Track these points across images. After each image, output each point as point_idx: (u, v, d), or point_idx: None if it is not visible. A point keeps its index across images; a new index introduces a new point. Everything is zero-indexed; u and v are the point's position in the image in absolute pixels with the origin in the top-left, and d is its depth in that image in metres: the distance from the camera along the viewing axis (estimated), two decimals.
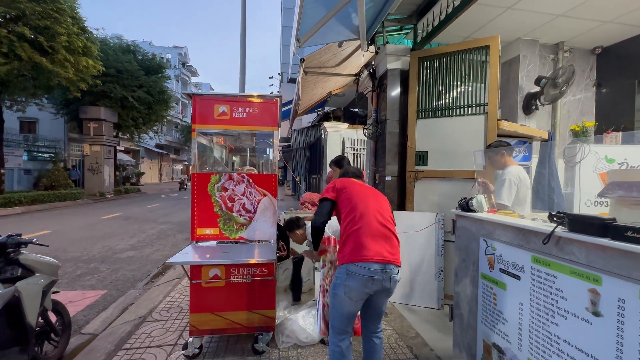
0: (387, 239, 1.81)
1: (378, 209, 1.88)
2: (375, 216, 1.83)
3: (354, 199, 1.90)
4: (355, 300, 1.74)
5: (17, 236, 2.07)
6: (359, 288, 1.71)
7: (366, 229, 1.78)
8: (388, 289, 1.76)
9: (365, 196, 1.93)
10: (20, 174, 15.59)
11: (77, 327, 2.90)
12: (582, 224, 1.25)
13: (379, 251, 1.73)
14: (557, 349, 1.36)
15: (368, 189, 2.04)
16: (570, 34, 3.92)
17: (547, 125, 4.23)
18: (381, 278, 1.71)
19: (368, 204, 1.88)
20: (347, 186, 1.98)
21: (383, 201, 1.99)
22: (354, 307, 1.77)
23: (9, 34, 9.55)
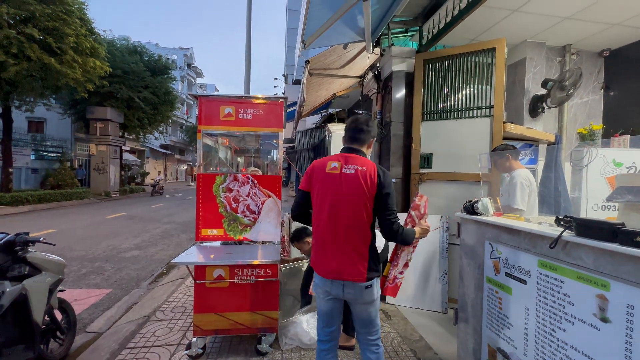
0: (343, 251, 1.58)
1: (340, 210, 1.57)
2: (332, 221, 1.58)
3: (318, 194, 1.64)
4: (322, 298, 1.66)
5: (24, 234, 2.10)
6: (321, 287, 1.65)
7: (319, 237, 1.64)
8: (348, 299, 1.62)
9: (328, 192, 1.59)
10: (28, 173, 15.80)
11: (82, 326, 2.92)
12: (590, 228, 1.23)
13: (328, 267, 1.59)
14: (563, 355, 1.34)
15: (338, 178, 1.58)
16: (577, 37, 3.89)
17: (554, 128, 4.19)
18: (336, 289, 1.60)
19: (328, 202, 1.58)
20: (314, 174, 1.67)
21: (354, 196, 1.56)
22: (324, 305, 1.68)
23: (19, 35, 9.71)
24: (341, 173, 1.58)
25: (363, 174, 1.56)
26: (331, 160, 1.65)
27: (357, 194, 1.55)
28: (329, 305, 1.67)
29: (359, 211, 1.55)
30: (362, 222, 1.56)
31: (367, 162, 1.61)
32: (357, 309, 1.65)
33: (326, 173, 1.61)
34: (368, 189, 1.55)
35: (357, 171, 1.57)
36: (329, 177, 1.60)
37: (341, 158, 1.64)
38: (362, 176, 1.55)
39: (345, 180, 1.57)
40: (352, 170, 1.57)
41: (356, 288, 1.57)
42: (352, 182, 1.55)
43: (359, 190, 1.54)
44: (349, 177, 1.56)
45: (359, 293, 1.58)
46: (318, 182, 1.64)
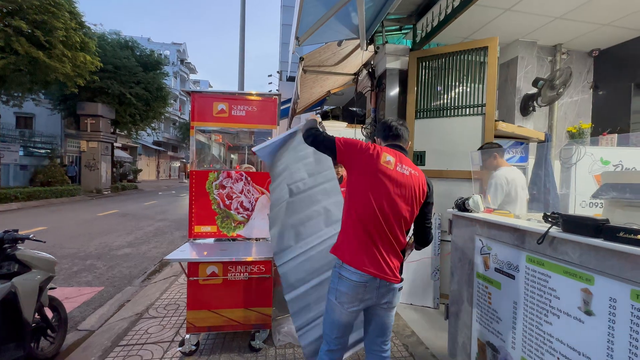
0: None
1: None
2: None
3: (366, 182, 1.47)
4: (347, 308, 1.49)
5: (13, 232, 2.07)
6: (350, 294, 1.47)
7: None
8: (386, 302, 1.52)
9: (382, 186, 1.45)
10: (16, 169, 15.47)
11: (73, 324, 2.89)
12: (575, 224, 1.27)
13: (374, 265, 1.46)
14: (550, 348, 1.38)
15: (394, 175, 1.46)
16: (568, 36, 3.95)
17: (544, 126, 4.26)
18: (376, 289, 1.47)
19: (383, 197, 1.45)
20: (362, 154, 1.48)
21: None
22: (346, 316, 1.51)
23: (6, 28, 9.47)
24: (396, 171, 1.45)
25: (417, 179, 1.49)
26: (385, 151, 1.48)
27: (412, 198, 1.47)
28: (352, 316, 1.52)
29: (409, 216, 1.49)
30: (408, 227, 1.52)
31: (417, 168, 1.55)
32: (381, 314, 1.54)
33: (381, 163, 1.44)
34: (420, 197, 1.50)
35: (412, 175, 1.48)
36: (383, 169, 1.44)
37: (395, 154, 1.50)
38: (416, 182, 1.49)
39: (401, 180, 1.45)
40: (407, 172, 1.48)
41: (392, 291, 1.48)
42: (408, 185, 1.46)
43: (414, 195, 1.47)
44: (406, 179, 1.46)
45: (392, 296, 1.50)
46: (367, 167, 1.45)
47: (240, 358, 2.26)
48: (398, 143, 1.60)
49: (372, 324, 1.58)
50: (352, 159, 1.49)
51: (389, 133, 1.62)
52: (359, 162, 1.48)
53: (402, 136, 1.61)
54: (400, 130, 1.61)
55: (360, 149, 1.48)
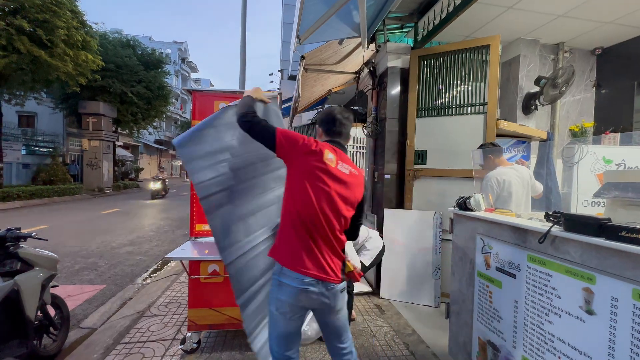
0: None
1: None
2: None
3: (305, 177, 1.40)
4: (289, 317, 1.42)
5: (16, 230, 2.08)
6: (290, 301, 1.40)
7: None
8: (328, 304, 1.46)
9: (321, 182, 1.39)
10: (19, 168, 15.54)
11: (75, 321, 2.91)
12: (577, 223, 1.26)
13: (313, 266, 1.39)
14: (550, 347, 1.38)
15: (335, 174, 1.41)
16: (570, 35, 3.92)
17: (546, 125, 4.24)
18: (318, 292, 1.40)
19: (323, 195, 1.40)
20: (303, 148, 1.39)
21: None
22: (287, 326, 1.44)
23: (8, 27, 9.49)
24: (337, 169, 1.42)
25: (356, 178, 1.48)
26: (327, 149, 1.43)
27: (352, 197, 1.46)
28: (298, 324, 1.46)
29: (349, 215, 1.47)
30: (347, 226, 1.50)
31: (355, 166, 1.53)
32: (330, 319, 1.48)
33: (322, 161, 1.39)
34: (359, 196, 1.50)
35: (352, 174, 1.47)
36: (325, 168, 1.38)
37: (335, 151, 1.46)
38: (355, 181, 1.47)
39: (342, 179, 1.42)
40: (347, 171, 1.45)
41: (334, 294, 1.43)
42: (348, 184, 1.44)
43: (354, 194, 1.46)
44: (346, 177, 1.44)
45: (335, 299, 1.44)
46: (308, 165, 1.38)
47: (241, 356, 2.27)
48: (338, 140, 1.54)
49: (326, 329, 1.54)
50: (294, 155, 1.40)
51: (332, 127, 1.54)
52: (300, 159, 1.39)
53: (343, 133, 1.56)
54: (343, 127, 1.54)
55: (303, 146, 1.39)
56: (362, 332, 2.65)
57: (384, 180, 3.68)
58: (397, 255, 3.38)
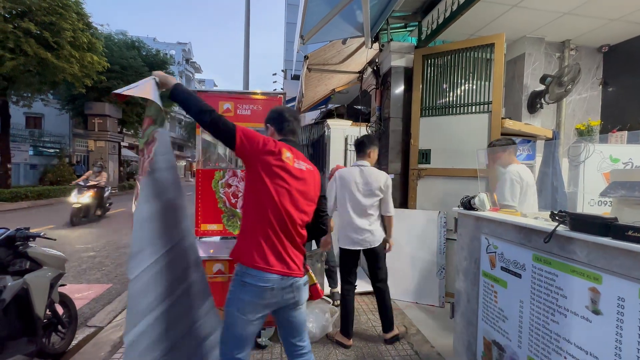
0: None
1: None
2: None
3: (271, 175, 1.39)
4: (251, 319, 1.39)
5: (25, 230, 2.11)
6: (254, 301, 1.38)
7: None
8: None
9: (284, 181, 1.40)
10: (27, 168, 15.78)
11: (83, 320, 2.95)
12: (583, 223, 1.25)
13: (283, 264, 1.40)
14: (556, 347, 1.37)
15: (293, 171, 1.44)
16: (576, 32, 3.88)
17: (552, 124, 4.20)
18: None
19: (286, 193, 1.41)
20: (267, 148, 1.38)
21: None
22: (248, 328, 1.40)
23: (15, 30, 9.63)
24: (294, 167, 1.44)
25: (312, 174, 1.53)
26: (285, 147, 1.45)
27: (312, 193, 1.52)
28: (256, 326, 1.43)
29: (310, 210, 1.52)
30: (308, 221, 1.53)
31: (311, 163, 1.56)
32: (292, 314, 1.49)
33: (282, 160, 1.40)
34: (317, 191, 1.56)
35: (308, 170, 1.51)
36: (284, 166, 1.40)
37: (292, 150, 1.47)
38: (312, 177, 1.52)
39: (300, 176, 1.46)
40: (304, 167, 1.49)
41: (298, 288, 1.45)
42: (307, 180, 1.49)
43: (313, 190, 1.52)
44: (304, 174, 1.48)
45: (299, 292, 1.46)
46: (268, 164, 1.38)
47: None
48: (292, 139, 1.58)
49: (285, 327, 1.52)
50: (254, 155, 1.38)
51: (285, 126, 1.57)
52: (261, 158, 1.38)
53: (295, 132, 1.61)
54: (294, 125, 1.59)
55: (264, 145, 1.38)
56: (366, 332, 2.65)
57: None
58: (401, 255, 3.37)
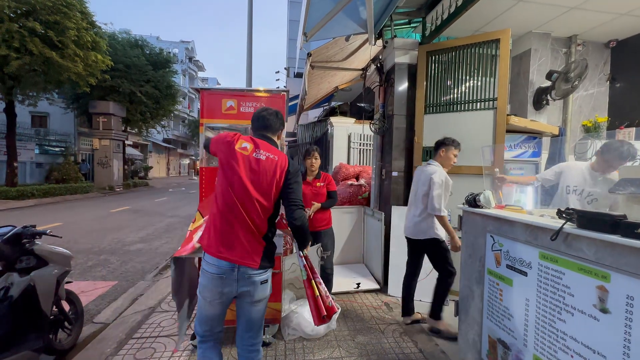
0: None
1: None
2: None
3: (224, 167, 1.52)
4: (209, 300, 1.49)
5: (31, 227, 2.13)
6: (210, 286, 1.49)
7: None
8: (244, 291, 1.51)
9: (236, 170, 1.49)
10: (33, 167, 15.93)
11: (89, 317, 2.98)
12: (591, 220, 1.24)
13: (224, 249, 1.48)
14: (563, 345, 1.36)
15: (248, 160, 1.52)
16: (583, 27, 3.82)
17: (558, 120, 4.15)
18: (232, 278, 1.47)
19: (237, 182, 1.49)
20: (221, 144, 1.55)
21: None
22: (211, 309, 1.51)
23: (20, 29, 9.70)
24: (251, 156, 1.52)
25: (273, 162, 1.54)
26: (242, 138, 1.56)
27: (268, 182, 1.52)
28: (216, 309, 1.52)
29: (265, 200, 1.52)
30: (268, 211, 1.54)
31: (278, 152, 1.59)
32: (247, 309, 1.54)
33: (234, 149, 1.51)
34: (278, 179, 1.54)
35: (268, 159, 1.54)
36: (237, 156, 1.50)
37: (252, 141, 1.57)
38: (272, 165, 1.53)
39: (255, 165, 1.51)
40: (264, 157, 1.53)
41: (252, 282, 1.49)
42: (263, 169, 1.51)
43: (269, 179, 1.52)
44: (261, 163, 1.52)
45: (253, 288, 1.50)
46: (224, 154, 1.52)
47: None
48: (265, 133, 1.65)
49: (240, 318, 1.58)
50: (217, 150, 1.57)
51: (256, 124, 1.68)
52: (219, 151, 1.54)
53: (270, 126, 1.66)
54: (268, 121, 1.65)
55: (221, 139, 1.56)
56: (371, 330, 2.65)
57: (392, 177, 3.66)
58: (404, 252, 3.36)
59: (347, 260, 4.24)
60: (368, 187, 4.61)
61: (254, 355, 1.59)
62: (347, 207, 4.31)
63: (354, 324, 2.74)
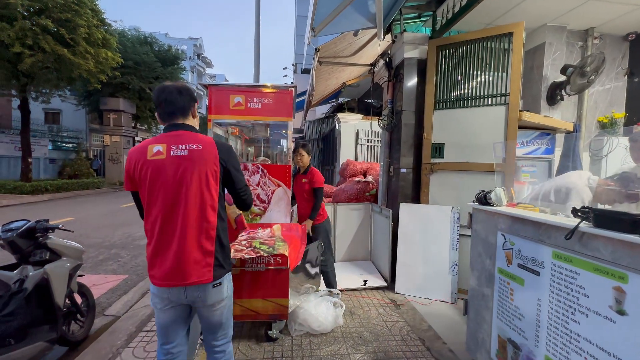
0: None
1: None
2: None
3: (145, 189, 1.34)
4: (160, 308, 1.39)
5: (44, 221, 2.18)
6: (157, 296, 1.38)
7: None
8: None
9: (156, 184, 1.32)
10: (46, 163, 16.31)
11: (100, 309, 3.04)
12: (608, 219, 1.19)
13: (165, 272, 1.33)
14: (576, 347, 1.33)
15: (164, 164, 1.32)
16: (601, 19, 3.69)
17: (573, 116, 4.04)
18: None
19: (158, 196, 1.32)
20: (134, 167, 1.33)
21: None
22: (162, 317, 1.40)
23: (34, 27, 9.87)
24: (170, 156, 1.31)
25: (199, 152, 1.33)
26: (151, 143, 1.34)
27: (199, 174, 1.33)
28: (169, 316, 1.40)
29: (204, 192, 1.34)
30: (205, 209, 1.35)
31: (201, 138, 1.36)
32: (203, 312, 1.43)
33: (148, 161, 1.31)
34: (212, 166, 1.35)
35: (192, 150, 1.32)
36: (152, 166, 1.30)
37: (164, 139, 1.35)
38: (199, 155, 1.33)
39: (175, 165, 1.31)
40: (186, 151, 1.32)
41: (201, 289, 1.36)
42: (189, 163, 1.32)
43: (200, 170, 1.33)
44: (184, 159, 1.31)
45: (204, 294, 1.36)
46: (140, 174, 1.32)
47: (257, 346, 2.32)
48: (174, 121, 1.39)
49: (202, 322, 1.49)
50: (130, 181, 1.37)
51: (160, 111, 1.40)
52: (132, 178, 1.35)
53: (177, 110, 1.38)
54: (172, 105, 1.37)
55: (128, 168, 1.35)
56: (377, 327, 2.64)
57: (400, 174, 3.62)
58: (413, 250, 3.33)
59: (354, 257, 4.23)
60: (375, 184, 4.57)
61: (219, 356, 1.51)
62: (355, 203, 4.29)
63: (360, 320, 2.73)
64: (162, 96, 1.37)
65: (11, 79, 10.99)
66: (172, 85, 1.40)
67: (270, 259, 2.37)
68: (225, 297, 1.45)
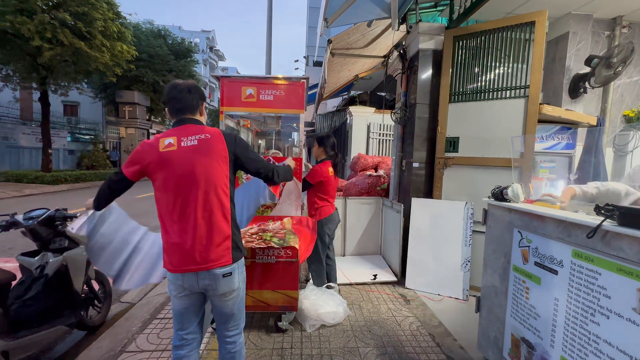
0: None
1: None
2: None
3: (160, 181, 1.39)
4: (175, 295, 1.45)
5: (63, 210, 2.24)
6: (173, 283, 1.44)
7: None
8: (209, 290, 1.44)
9: (170, 175, 1.37)
10: (65, 154, 16.86)
11: (116, 296, 3.14)
12: (635, 217, 1.13)
13: (182, 258, 1.39)
14: (595, 349, 1.28)
15: (178, 155, 1.37)
16: (631, 7, 3.48)
17: (596, 110, 3.86)
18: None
19: (172, 186, 1.38)
20: (146, 159, 1.39)
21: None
22: (177, 303, 1.47)
23: (52, 20, 10.10)
24: (181, 147, 1.37)
25: (206, 142, 1.39)
26: (162, 137, 1.41)
27: (208, 163, 1.38)
28: (184, 303, 1.46)
29: (217, 179, 1.40)
30: (219, 195, 1.41)
31: (208, 129, 1.43)
32: (215, 302, 1.48)
33: (161, 153, 1.36)
34: (221, 154, 1.41)
35: (200, 140, 1.39)
36: (165, 157, 1.36)
37: (174, 132, 1.42)
38: (206, 145, 1.39)
39: (187, 155, 1.37)
40: (195, 142, 1.39)
41: (212, 277, 1.40)
42: (197, 154, 1.37)
43: (209, 159, 1.39)
44: (194, 149, 1.38)
45: (215, 283, 1.41)
46: (154, 167, 1.38)
47: (267, 337, 2.35)
48: (183, 116, 1.46)
49: (214, 310, 1.54)
50: (140, 172, 1.42)
51: (170, 107, 1.48)
52: (145, 169, 1.40)
53: (187, 106, 1.46)
54: (182, 101, 1.45)
55: (138, 159, 1.40)
56: (387, 321, 2.63)
57: (412, 168, 3.56)
58: (424, 246, 3.29)
59: (365, 251, 4.22)
60: (387, 178, 4.52)
61: (231, 347, 1.55)
62: (366, 197, 4.26)
63: (370, 315, 2.73)
64: (173, 93, 1.45)
65: (31, 71, 11.32)
66: (183, 83, 1.48)
67: (281, 251, 2.38)
68: (237, 288, 1.48)
